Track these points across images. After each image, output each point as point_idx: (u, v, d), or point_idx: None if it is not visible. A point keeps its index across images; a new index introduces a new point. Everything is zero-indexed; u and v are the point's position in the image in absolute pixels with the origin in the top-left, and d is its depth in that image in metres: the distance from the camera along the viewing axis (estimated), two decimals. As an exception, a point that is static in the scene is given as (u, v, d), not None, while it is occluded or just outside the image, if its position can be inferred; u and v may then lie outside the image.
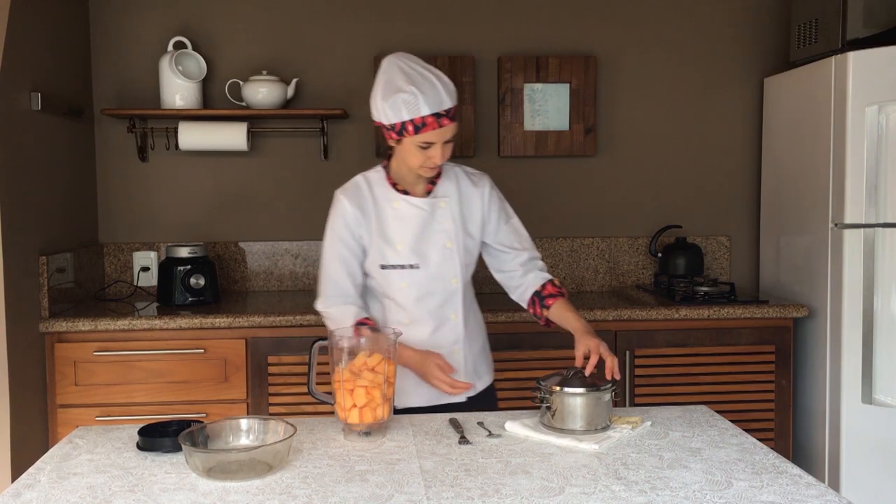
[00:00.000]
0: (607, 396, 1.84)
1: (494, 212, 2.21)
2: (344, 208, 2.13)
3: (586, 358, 1.92)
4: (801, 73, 3.24)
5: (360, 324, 2.08)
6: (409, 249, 2.11)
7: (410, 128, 1.99)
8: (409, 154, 2.03)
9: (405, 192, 2.14)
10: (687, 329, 3.07)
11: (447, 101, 1.99)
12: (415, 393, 2.15)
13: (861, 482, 2.95)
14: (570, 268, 3.61)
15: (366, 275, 2.18)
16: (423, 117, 1.97)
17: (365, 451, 1.69)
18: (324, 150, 3.50)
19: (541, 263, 2.25)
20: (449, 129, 2.01)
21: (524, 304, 2.25)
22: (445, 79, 2.03)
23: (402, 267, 2.11)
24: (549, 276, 2.22)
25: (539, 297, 2.19)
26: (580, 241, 3.62)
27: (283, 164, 3.54)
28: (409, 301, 2.14)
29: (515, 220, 2.26)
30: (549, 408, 1.83)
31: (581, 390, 1.81)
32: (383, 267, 2.13)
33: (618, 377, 1.89)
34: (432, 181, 2.16)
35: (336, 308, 2.13)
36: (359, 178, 2.18)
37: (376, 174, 2.18)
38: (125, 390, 2.91)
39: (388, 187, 2.15)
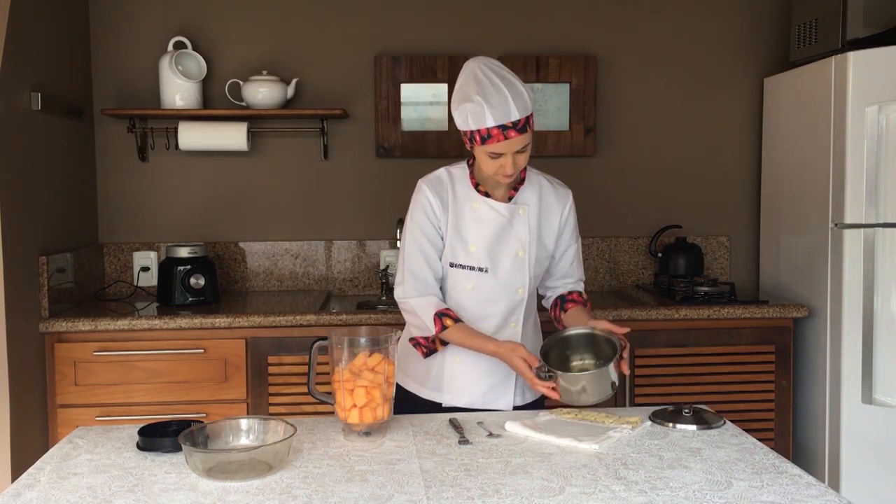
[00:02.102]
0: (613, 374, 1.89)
1: (569, 230, 2.21)
2: (427, 197, 2.09)
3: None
4: (801, 73, 3.24)
5: (440, 315, 2.06)
6: (482, 252, 2.09)
7: (478, 137, 1.96)
8: (482, 161, 2.02)
9: (486, 195, 2.11)
10: (687, 329, 3.07)
11: (515, 113, 1.94)
12: (466, 392, 2.14)
13: (861, 482, 2.95)
14: (570, 268, 3.61)
15: None
16: (488, 129, 1.93)
17: (365, 451, 1.69)
18: (324, 150, 3.50)
19: (581, 285, 2.27)
20: (516, 141, 1.96)
21: (547, 307, 2.28)
22: (520, 88, 1.97)
23: (472, 269, 2.09)
24: (578, 289, 2.24)
25: (561, 300, 2.21)
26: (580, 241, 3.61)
27: (283, 164, 3.54)
28: (473, 304, 2.12)
29: (579, 246, 2.26)
30: (552, 376, 1.89)
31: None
32: (452, 265, 2.10)
33: (626, 372, 1.90)
34: (514, 187, 2.13)
35: (416, 299, 2.09)
36: (442, 172, 2.15)
37: (460, 171, 2.14)
38: (125, 390, 2.91)
39: (469, 186, 2.12)
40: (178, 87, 3.29)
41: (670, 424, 1.84)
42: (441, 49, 3.50)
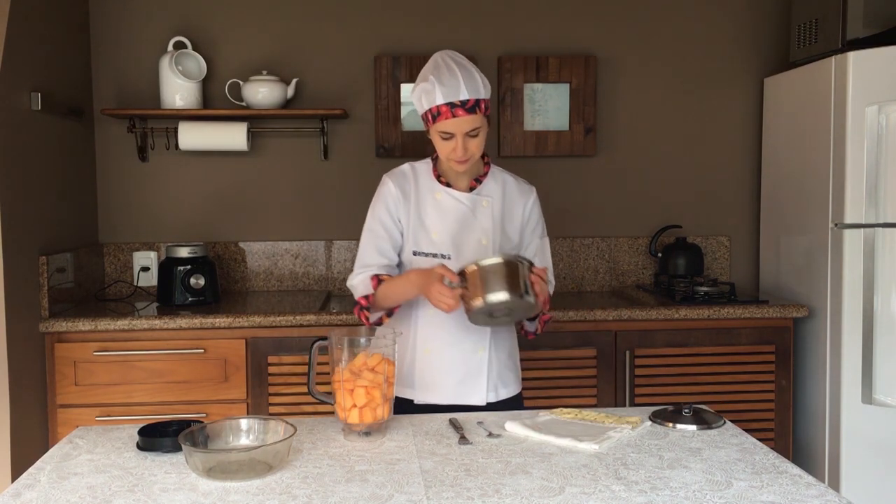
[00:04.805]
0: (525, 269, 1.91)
1: (532, 223, 2.24)
2: (388, 189, 2.17)
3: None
4: (801, 73, 3.24)
5: (378, 277, 2.10)
6: (445, 240, 2.13)
7: (430, 117, 2.06)
8: (436, 144, 2.09)
9: (448, 185, 2.17)
10: (687, 329, 3.07)
11: (464, 92, 2.02)
12: (437, 386, 2.15)
13: (861, 482, 2.95)
14: (570, 268, 3.61)
15: (400, 264, 2.19)
16: (438, 106, 2.03)
17: (365, 451, 1.69)
18: (324, 150, 3.50)
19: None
20: (465, 120, 2.02)
21: None
22: (475, 74, 2.06)
23: (434, 256, 2.13)
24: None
25: None
26: (580, 241, 3.62)
27: (283, 164, 3.54)
28: None
29: (546, 242, 2.27)
30: (465, 287, 1.91)
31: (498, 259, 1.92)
32: (415, 253, 2.14)
33: (538, 289, 1.94)
34: (477, 179, 2.18)
35: (359, 276, 2.15)
36: (405, 166, 2.23)
37: (424, 165, 2.22)
38: (125, 390, 2.91)
39: (432, 178, 2.18)
40: (178, 87, 3.29)
41: (670, 424, 1.84)
42: (441, 49, 3.49)
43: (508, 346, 2.25)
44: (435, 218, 2.14)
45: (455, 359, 2.14)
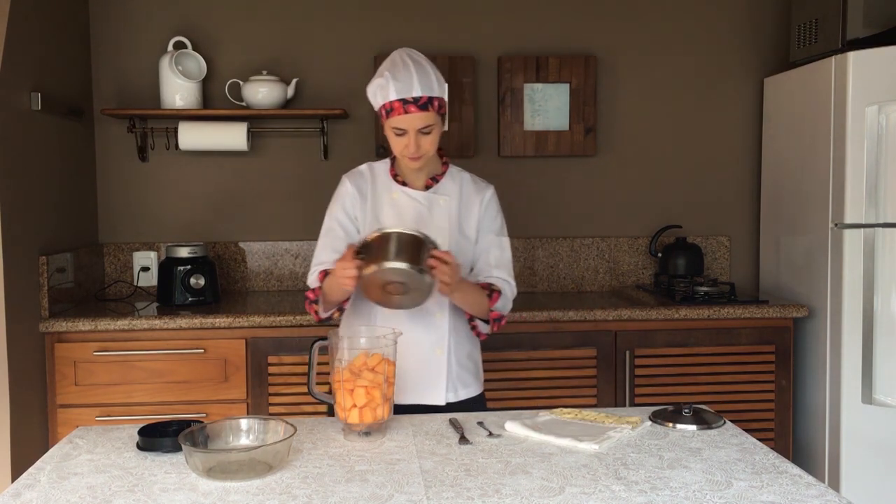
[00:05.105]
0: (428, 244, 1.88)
1: (488, 218, 2.21)
2: (345, 188, 2.20)
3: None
4: (801, 73, 3.24)
5: (326, 271, 2.08)
6: None
7: (384, 113, 2.07)
8: (390, 140, 2.10)
9: (405, 185, 2.17)
10: (687, 329, 3.07)
11: (417, 89, 2.02)
12: (397, 390, 2.10)
13: (861, 482, 2.95)
14: (570, 268, 3.61)
15: None
16: (390, 102, 2.03)
17: (365, 451, 1.69)
18: (324, 150, 3.50)
19: (503, 284, 2.16)
20: (417, 117, 2.03)
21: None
22: (430, 71, 2.06)
23: None
24: (492, 282, 2.14)
25: None
26: (580, 241, 3.62)
27: (283, 164, 3.54)
28: None
29: (505, 240, 2.22)
30: (364, 257, 1.87)
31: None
32: None
33: (437, 269, 1.89)
34: (434, 178, 2.17)
35: (310, 276, 2.15)
36: (364, 166, 2.25)
37: (382, 164, 2.23)
38: (125, 390, 2.91)
39: (389, 178, 2.19)
40: (178, 87, 3.29)
41: (670, 424, 1.84)
42: (441, 49, 3.50)
43: (468, 347, 2.21)
44: (391, 217, 2.15)
45: (413, 359, 2.10)
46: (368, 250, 1.90)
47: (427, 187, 2.17)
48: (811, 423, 3.15)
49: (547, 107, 3.53)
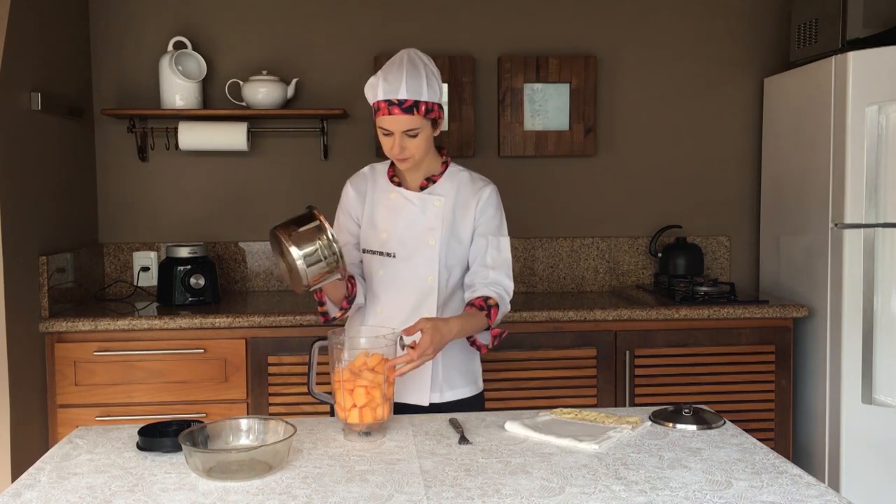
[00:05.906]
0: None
1: (485, 217, 2.15)
2: (346, 194, 2.24)
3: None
4: (801, 73, 3.24)
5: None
6: (392, 239, 2.14)
7: (373, 110, 2.08)
8: (380, 138, 2.10)
9: (401, 185, 2.18)
10: (687, 329, 3.07)
11: (403, 92, 2.01)
12: None
13: (861, 482, 2.95)
14: (570, 268, 3.61)
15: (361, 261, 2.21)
16: (378, 101, 2.05)
17: (365, 451, 1.69)
18: (324, 150, 3.50)
19: (499, 289, 2.11)
20: (401, 120, 2.02)
21: None
22: (422, 73, 2.03)
23: (381, 254, 2.14)
24: (485, 294, 2.08)
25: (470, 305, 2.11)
26: (580, 241, 3.62)
27: (283, 164, 3.54)
28: (382, 289, 2.15)
29: (504, 240, 2.17)
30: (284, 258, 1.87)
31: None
32: (365, 251, 2.18)
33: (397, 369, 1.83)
34: (430, 178, 2.17)
35: None
36: (366, 168, 2.27)
37: (382, 166, 2.25)
38: (125, 390, 2.91)
39: (386, 178, 2.20)
40: (178, 87, 3.29)
41: (670, 424, 1.84)
42: (441, 49, 3.50)
43: (457, 349, 2.17)
44: (386, 217, 2.16)
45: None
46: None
47: (422, 188, 2.17)
48: (811, 423, 3.15)
49: (547, 107, 3.53)
